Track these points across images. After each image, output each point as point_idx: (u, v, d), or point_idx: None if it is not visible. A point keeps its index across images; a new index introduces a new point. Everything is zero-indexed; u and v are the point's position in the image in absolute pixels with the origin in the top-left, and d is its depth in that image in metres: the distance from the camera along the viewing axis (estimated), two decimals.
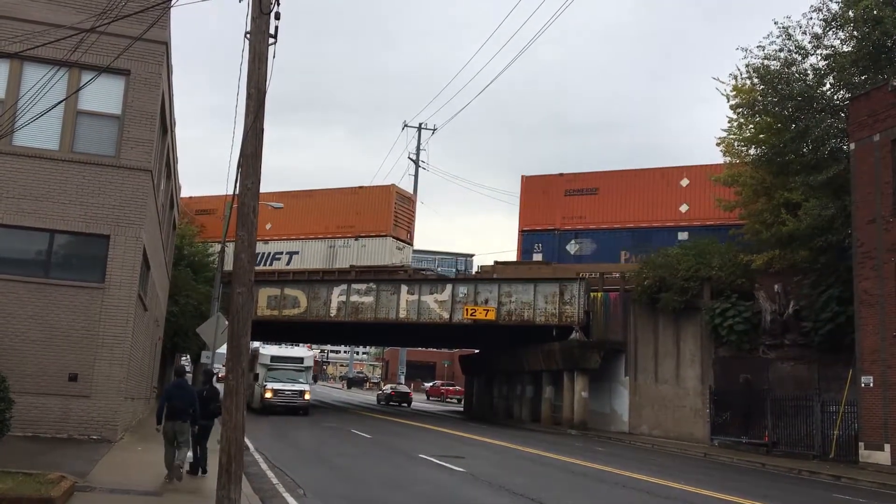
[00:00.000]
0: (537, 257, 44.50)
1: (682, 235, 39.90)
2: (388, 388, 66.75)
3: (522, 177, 48.27)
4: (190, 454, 14.49)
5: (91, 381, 18.27)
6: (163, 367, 37.12)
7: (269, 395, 36.81)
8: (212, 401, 15.03)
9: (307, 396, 38.00)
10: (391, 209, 46.51)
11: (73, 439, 17.69)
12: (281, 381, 37.73)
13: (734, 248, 33.99)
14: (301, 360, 40.69)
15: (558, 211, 45.06)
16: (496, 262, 44.10)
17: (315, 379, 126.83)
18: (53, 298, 18.36)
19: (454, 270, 58.14)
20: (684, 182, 41.82)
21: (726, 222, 37.27)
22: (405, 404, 58.59)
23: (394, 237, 46.39)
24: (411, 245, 49.62)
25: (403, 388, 63.92)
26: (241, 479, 11.38)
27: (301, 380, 38.90)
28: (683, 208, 41.42)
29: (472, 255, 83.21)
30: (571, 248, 43.96)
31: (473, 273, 50.06)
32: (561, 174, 46.52)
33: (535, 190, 46.87)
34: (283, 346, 37.18)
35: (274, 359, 39.72)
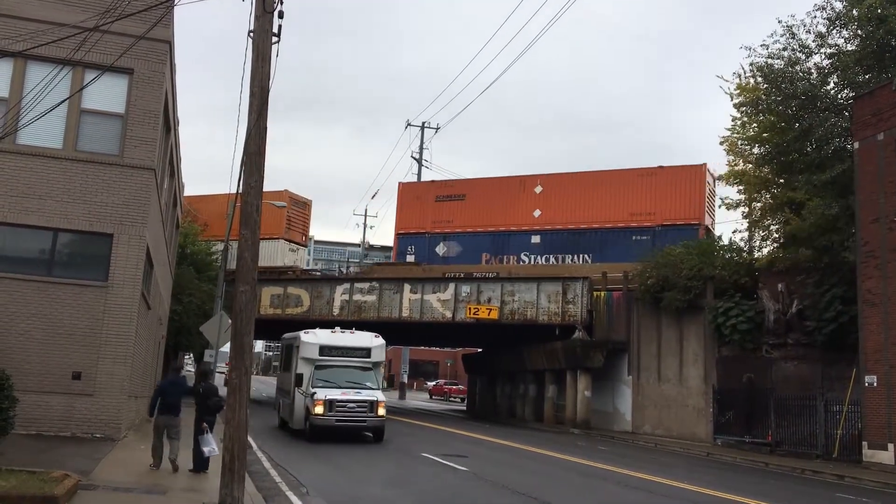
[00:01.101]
0: (410, 258, 47.77)
1: (535, 239, 44.28)
2: None
3: (399, 183, 51.70)
4: (214, 449, 14.34)
5: (94, 380, 18.30)
6: (166, 366, 37.07)
7: (319, 409, 23.49)
8: (209, 396, 15.08)
9: (381, 411, 24.23)
10: (284, 213, 50.13)
11: (77, 437, 17.72)
12: (338, 387, 24.45)
13: (737, 247, 33.96)
14: (366, 351, 26.04)
15: (429, 215, 48.32)
16: (375, 264, 49.51)
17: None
18: (57, 297, 18.39)
19: (338, 270, 61.70)
20: (538, 189, 45.38)
21: (577, 226, 43.11)
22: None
23: (286, 240, 50.41)
24: (306, 247, 56.16)
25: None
26: (244, 477, 11.41)
27: (369, 383, 25.21)
28: (536, 213, 44.92)
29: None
30: (440, 250, 47.14)
31: (352, 273, 52.28)
32: (433, 181, 50.28)
33: (410, 196, 50.35)
34: (339, 330, 26.29)
35: (325, 350, 25.72)
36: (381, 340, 26.29)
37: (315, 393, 23.77)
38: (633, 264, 37.48)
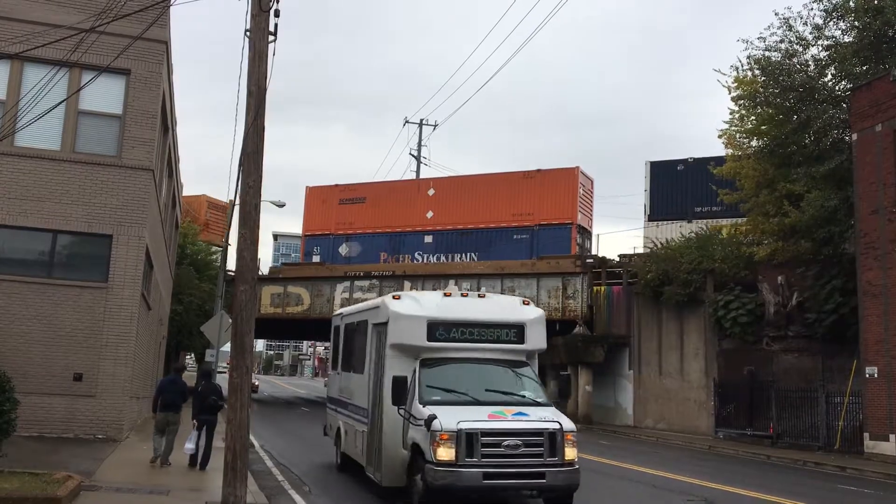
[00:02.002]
0: (316, 258, 49.68)
1: (428, 238, 46.69)
2: None
3: (306, 187, 53.93)
4: (192, 447, 14.70)
5: (96, 381, 18.32)
6: (167, 366, 37.13)
7: (447, 451, 11.64)
8: (208, 396, 15.29)
9: (570, 452, 12.18)
10: (203, 217, 53.05)
11: (79, 439, 17.75)
12: (476, 403, 12.60)
13: (737, 241, 33.96)
14: (517, 329, 13.80)
15: (333, 217, 50.43)
16: (283, 265, 52.23)
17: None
18: (57, 299, 18.40)
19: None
20: (431, 192, 47.94)
21: (465, 226, 45.85)
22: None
23: (205, 242, 52.44)
24: (221, 247, 60.68)
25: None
26: (246, 476, 11.42)
27: (530, 393, 13.34)
28: (429, 215, 47.23)
29: None
30: (343, 250, 49.04)
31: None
32: (336, 185, 52.15)
33: (317, 199, 52.10)
34: (457, 292, 14.26)
35: (440, 330, 13.42)
36: (537, 311, 14.41)
37: (435, 417, 11.82)
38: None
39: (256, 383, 55.98)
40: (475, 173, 51.38)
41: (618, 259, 40.62)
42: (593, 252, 44.59)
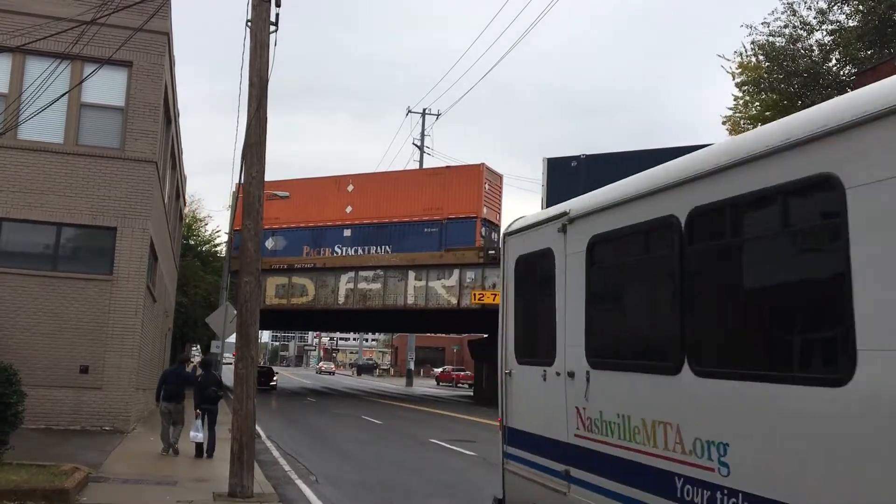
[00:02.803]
0: None
1: (347, 232, 48.42)
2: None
3: (236, 184, 55.93)
4: (199, 435, 15.01)
5: (102, 373, 18.38)
6: (173, 358, 37.24)
7: None
8: (208, 386, 15.53)
9: None
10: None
11: (86, 431, 17.81)
12: None
13: None
14: None
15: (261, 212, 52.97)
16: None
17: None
18: (63, 291, 18.44)
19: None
20: (350, 188, 49.72)
21: (381, 220, 47.79)
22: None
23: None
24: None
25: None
26: (253, 466, 11.47)
27: None
28: (348, 209, 49.04)
29: None
30: (269, 244, 49.57)
31: None
32: (265, 181, 55.21)
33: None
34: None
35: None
36: None
37: None
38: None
39: (275, 381, 53.20)
40: (392, 170, 54.69)
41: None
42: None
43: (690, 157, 5.80)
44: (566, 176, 46.84)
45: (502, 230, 9.22)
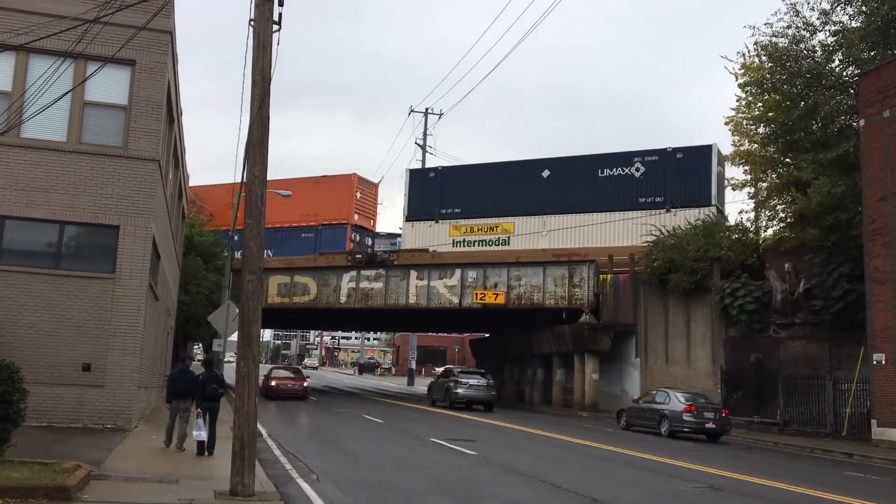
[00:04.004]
0: None
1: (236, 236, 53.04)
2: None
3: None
4: (201, 433, 15.23)
5: (104, 371, 18.41)
6: (176, 356, 37.25)
7: None
8: (209, 384, 15.75)
9: None
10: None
11: (88, 429, 17.84)
12: None
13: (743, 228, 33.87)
14: None
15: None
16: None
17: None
18: (65, 289, 18.47)
19: None
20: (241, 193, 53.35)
21: (299, 224, 52.08)
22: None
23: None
24: None
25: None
26: (254, 465, 11.49)
27: None
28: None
29: None
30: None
31: None
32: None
33: None
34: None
35: None
36: None
37: None
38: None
39: (304, 384, 39.24)
40: (276, 178, 58.06)
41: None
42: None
43: None
44: (424, 184, 50.77)
45: None
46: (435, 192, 49.42)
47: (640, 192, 42.47)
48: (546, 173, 45.92)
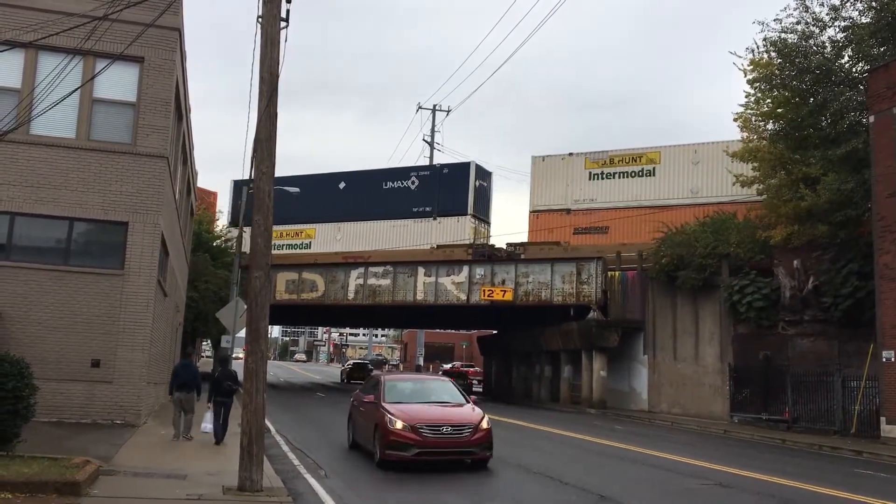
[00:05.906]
0: None
1: None
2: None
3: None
4: (209, 426, 15.93)
5: (113, 367, 18.50)
6: (183, 352, 37.39)
7: None
8: (224, 381, 16.35)
9: None
10: None
11: (97, 424, 17.94)
12: None
13: (752, 225, 33.74)
14: None
15: None
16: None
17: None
18: (74, 286, 18.56)
19: None
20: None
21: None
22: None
23: None
24: None
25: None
26: (262, 460, 11.53)
27: None
28: None
29: None
30: None
31: None
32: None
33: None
34: None
35: None
36: None
37: None
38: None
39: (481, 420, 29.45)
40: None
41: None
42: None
43: None
44: (242, 196, 51.58)
45: None
46: (249, 202, 51.63)
47: (415, 203, 48.86)
48: (342, 185, 52.03)
